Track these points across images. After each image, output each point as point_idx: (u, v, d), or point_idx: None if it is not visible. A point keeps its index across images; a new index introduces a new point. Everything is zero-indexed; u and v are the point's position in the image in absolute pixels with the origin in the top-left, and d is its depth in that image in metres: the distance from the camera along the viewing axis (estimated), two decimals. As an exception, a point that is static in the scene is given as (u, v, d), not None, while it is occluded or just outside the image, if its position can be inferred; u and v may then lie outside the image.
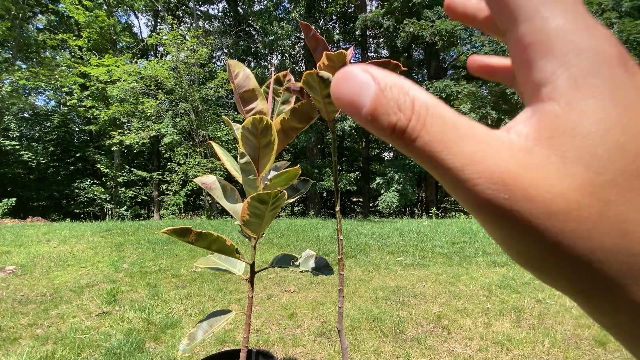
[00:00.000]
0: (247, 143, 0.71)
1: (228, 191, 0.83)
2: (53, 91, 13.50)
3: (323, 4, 13.71)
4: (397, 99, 0.13)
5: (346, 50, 0.64)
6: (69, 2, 10.89)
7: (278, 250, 4.72)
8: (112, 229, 5.58)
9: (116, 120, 11.79)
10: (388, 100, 0.13)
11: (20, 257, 3.89)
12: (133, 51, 13.84)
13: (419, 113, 0.13)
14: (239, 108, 0.77)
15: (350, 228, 6.47)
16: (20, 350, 2.06)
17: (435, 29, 9.94)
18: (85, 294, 2.99)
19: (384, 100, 0.13)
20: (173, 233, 0.67)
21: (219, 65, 15.63)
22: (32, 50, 12.59)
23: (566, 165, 0.12)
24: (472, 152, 0.12)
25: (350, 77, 0.13)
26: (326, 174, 12.79)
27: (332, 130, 0.80)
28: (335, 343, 2.21)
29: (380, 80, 0.13)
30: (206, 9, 17.18)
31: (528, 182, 0.12)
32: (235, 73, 0.73)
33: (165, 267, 3.78)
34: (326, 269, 0.93)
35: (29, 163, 12.72)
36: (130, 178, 13.22)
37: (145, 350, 2.10)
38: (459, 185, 0.13)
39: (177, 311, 2.69)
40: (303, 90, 0.69)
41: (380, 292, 3.15)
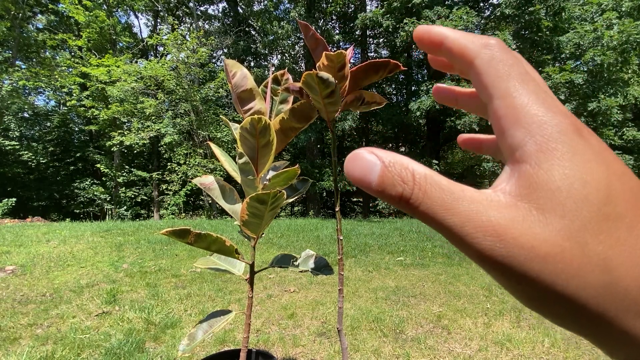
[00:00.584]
0: (246, 143, 0.71)
1: (227, 191, 0.83)
2: (53, 91, 13.49)
3: (323, 4, 13.70)
4: (400, 173, 0.16)
5: (346, 50, 0.64)
6: (68, 2, 10.88)
7: (278, 250, 4.72)
8: (112, 229, 5.58)
9: (116, 120, 11.78)
10: (393, 175, 0.16)
11: (20, 257, 3.88)
12: (133, 51, 13.83)
13: (419, 183, 0.15)
14: (236, 108, 0.77)
15: (350, 228, 6.47)
16: (20, 350, 2.06)
17: None
18: (85, 294, 2.99)
19: (389, 175, 0.16)
20: (172, 234, 0.67)
21: (219, 65, 15.63)
22: (32, 50, 12.58)
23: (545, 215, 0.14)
24: (467, 211, 0.15)
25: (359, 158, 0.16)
26: (326, 174, 12.78)
27: (332, 130, 0.80)
28: (335, 343, 2.20)
29: (385, 159, 0.16)
30: (206, 9, 17.18)
31: (517, 232, 0.14)
32: (232, 73, 0.73)
33: (165, 267, 3.78)
34: (326, 269, 0.93)
35: (29, 163, 12.72)
36: (130, 178, 13.21)
37: (145, 350, 2.10)
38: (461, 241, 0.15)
39: (177, 311, 2.69)
40: (302, 90, 0.69)
41: (380, 292, 3.15)
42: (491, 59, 0.17)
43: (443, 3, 11.31)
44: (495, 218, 0.15)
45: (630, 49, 9.14)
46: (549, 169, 0.15)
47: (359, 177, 0.16)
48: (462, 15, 9.93)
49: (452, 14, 10.10)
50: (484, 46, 0.18)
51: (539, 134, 0.15)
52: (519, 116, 0.16)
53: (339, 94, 0.66)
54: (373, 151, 0.16)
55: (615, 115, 9.54)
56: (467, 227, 0.15)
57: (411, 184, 0.15)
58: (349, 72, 0.67)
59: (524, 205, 0.15)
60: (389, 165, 0.16)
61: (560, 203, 0.14)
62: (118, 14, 14.32)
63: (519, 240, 0.14)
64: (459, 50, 0.18)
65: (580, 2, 10.38)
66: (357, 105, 0.74)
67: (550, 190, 0.14)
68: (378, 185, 0.16)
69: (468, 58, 0.18)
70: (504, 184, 0.16)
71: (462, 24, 9.84)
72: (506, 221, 0.14)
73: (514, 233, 0.14)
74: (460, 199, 0.15)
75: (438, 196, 0.15)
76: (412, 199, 0.15)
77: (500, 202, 0.15)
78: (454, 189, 0.15)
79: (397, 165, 0.16)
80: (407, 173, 0.16)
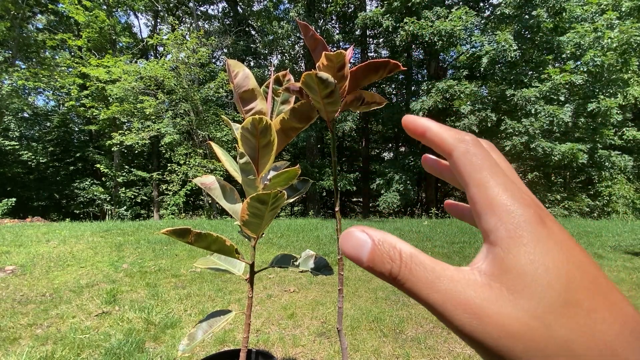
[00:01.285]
0: (247, 143, 0.71)
1: (227, 191, 0.83)
2: (52, 91, 13.48)
3: (323, 4, 13.70)
4: (388, 251, 0.17)
5: (345, 50, 0.64)
6: (68, 2, 10.88)
7: (278, 250, 4.72)
8: (111, 229, 5.58)
9: (116, 120, 11.77)
10: (382, 253, 0.17)
11: (19, 257, 3.88)
12: (133, 51, 13.83)
13: (405, 262, 0.17)
14: (238, 108, 0.77)
15: (350, 228, 6.45)
16: (20, 351, 2.06)
17: (435, 29, 9.92)
18: (85, 294, 2.99)
19: (378, 253, 0.17)
20: (173, 234, 0.67)
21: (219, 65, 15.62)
22: (31, 50, 12.57)
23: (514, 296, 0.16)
24: (448, 290, 0.16)
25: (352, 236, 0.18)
26: (326, 173, 12.78)
27: (332, 130, 0.80)
28: (335, 343, 2.20)
29: (375, 237, 0.18)
30: (206, 9, 17.18)
31: (490, 311, 0.16)
32: (234, 73, 0.73)
33: (165, 267, 3.78)
34: (326, 269, 0.93)
35: (29, 163, 12.71)
36: (130, 178, 13.20)
37: (145, 350, 2.10)
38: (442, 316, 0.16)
39: (177, 311, 2.69)
40: (302, 90, 0.69)
41: (380, 292, 3.15)
42: (466, 153, 0.19)
43: (443, 3, 11.31)
44: (471, 297, 0.16)
45: (631, 49, 9.14)
46: (516, 255, 0.16)
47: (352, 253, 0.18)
48: (462, 15, 9.93)
49: (451, 14, 10.10)
50: (459, 141, 0.20)
51: (509, 221, 0.17)
52: (492, 205, 0.18)
53: (338, 94, 0.66)
54: (365, 230, 0.18)
55: (614, 116, 9.54)
56: (447, 304, 0.16)
57: (398, 262, 0.17)
58: (349, 72, 0.67)
59: (496, 285, 0.16)
60: (379, 243, 0.17)
61: (527, 286, 0.16)
62: (118, 14, 14.31)
63: (492, 318, 0.15)
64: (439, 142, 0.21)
65: (580, 2, 10.38)
66: (357, 105, 0.74)
67: (518, 274, 0.16)
68: (368, 261, 0.17)
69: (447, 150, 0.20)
70: (480, 262, 0.18)
71: (461, 24, 9.84)
72: (481, 300, 0.16)
73: (487, 311, 0.16)
74: (442, 278, 0.17)
75: (422, 275, 0.17)
76: (399, 276, 0.17)
77: (476, 281, 0.17)
78: (436, 267, 0.17)
79: (385, 244, 0.17)
80: (394, 252, 0.17)
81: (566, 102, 9.71)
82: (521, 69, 10.52)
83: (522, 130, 9.69)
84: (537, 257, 0.16)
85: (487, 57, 9.81)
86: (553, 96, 9.46)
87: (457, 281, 0.17)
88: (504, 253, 0.17)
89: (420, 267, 0.17)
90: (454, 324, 0.16)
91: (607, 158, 10.00)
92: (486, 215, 0.18)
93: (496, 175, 0.18)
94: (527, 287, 0.16)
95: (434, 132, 0.21)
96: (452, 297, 0.16)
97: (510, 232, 0.17)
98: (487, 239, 0.18)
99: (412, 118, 0.22)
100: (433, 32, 9.97)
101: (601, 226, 6.94)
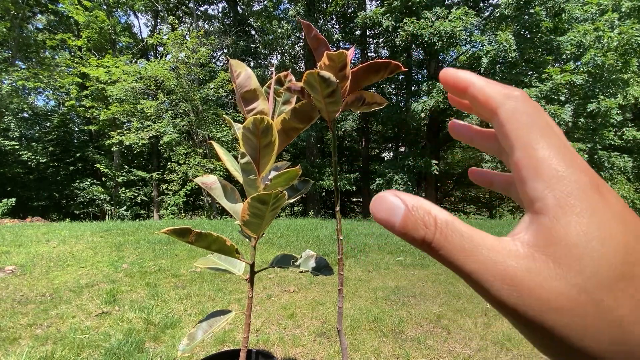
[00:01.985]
0: (248, 143, 0.71)
1: (228, 191, 0.83)
2: (52, 91, 13.47)
3: (323, 4, 13.70)
4: (423, 217, 0.16)
5: (346, 50, 0.64)
6: (68, 2, 10.87)
7: (278, 250, 4.72)
8: (111, 229, 5.58)
9: (116, 120, 11.77)
10: (415, 219, 0.16)
11: (19, 257, 3.88)
12: (133, 51, 13.82)
13: (441, 228, 0.16)
14: (240, 108, 0.77)
15: (350, 228, 6.47)
16: (19, 351, 2.06)
17: (435, 30, 9.93)
18: (84, 294, 2.99)
19: (412, 218, 0.16)
20: (173, 233, 0.67)
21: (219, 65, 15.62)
22: (31, 50, 12.57)
23: (562, 269, 0.15)
24: (486, 259, 0.15)
25: (384, 200, 0.17)
26: (326, 173, 12.79)
27: (332, 130, 0.80)
28: (335, 343, 2.20)
29: (408, 203, 0.17)
30: (206, 9, 17.18)
31: (533, 283, 0.15)
32: (236, 73, 0.73)
33: (165, 267, 3.78)
34: (326, 269, 0.93)
35: (29, 163, 12.70)
36: (129, 178, 13.20)
37: (145, 351, 2.10)
38: (479, 286, 0.16)
39: (177, 311, 2.69)
40: (304, 90, 0.69)
41: (380, 292, 3.15)
42: (515, 110, 0.18)
43: (443, 3, 11.31)
44: (512, 268, 0.15)
45: (631, 50, 9.14)
46: (567, 225, 0.15)
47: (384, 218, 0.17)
48: (461, 15, 9.93)
49: (451, 14, 10.10)
50: (507, 97, 0.18)
51: (559, 189, 0.16)
52: (540, 169, 0.16)
53: (340, 94, 0.66)
54: (397, 194, 0.17)
55: (614, 116, 9.55)
56: (486, 274, 0.15)
57: (433, 229, 0.16)
58: (350, 72, 0.67)
59: (541, 257, 0.15)
60: (413, 209, 0.16)
61: (577, 259, 0.15)
62: (118, 14, 14.30)
63: (534, 292, 0.15)
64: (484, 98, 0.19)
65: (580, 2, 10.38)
66: (358, 105, 0.74)
67: (567, 246, 0.15)
68: (401, 227, 0.16)
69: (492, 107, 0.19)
70: (522, 233, 0.16)
71: (460, 24, 9.84)
72: (523, 272, 0.15)
73: (529, 284, 0.15)
74: (480, 247, 0.16)
75: (458, 242, 0.16)
76: (433, 242, 0.16)
77: (518, 252, 0.16)
78: (474, 235, 0.16)
79: (420, 209, 0.16)
80: (429, 218, 0.16)
81: (566, 102, 9.71)
82: (521, 69, 10.53)
83: None
84: (591, 228, 0.15)
85: (488, 57, 9.81)
86: (553, 96, 9.46)
87: (497, 251, 0.16)
88: (551, 223, 0.15)
89: (457, 234, 0.16)
90: (492, 294, 0.15)
91: (607, 158, 10.00)
92: (533, 180, 0.16)
93: (548, 137, 0.17)
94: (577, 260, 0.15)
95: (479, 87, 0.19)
96: (491, 266, 0.15)
97: (560, 200, 0.15)
98: (531, 207, 0.16)
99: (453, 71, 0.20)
100: (433, 32, 9.97)
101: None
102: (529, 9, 9.86)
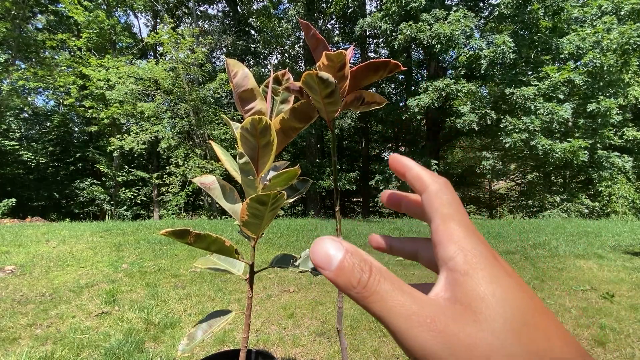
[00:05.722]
0: (246, 143, 0.71)
1: (227, 191, 0.83)
2: (52, 91, 13.46)
3: (323, 4, 13.70)
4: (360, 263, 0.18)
5: (346, 50, 0.64)
6: (68, 2, 10.86)
7: (277, 250, 4.71)
8: (111, 229, 5.58)
9: (115, 120, 11.77)
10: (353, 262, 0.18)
11: (19, 257, 3.88)
12: (133, 51, 13.81)
13: (375, 275, 0.18)
14: (238, 108, 0.77)
15: (350, 228, 6.47)
16: (19, 351, 2.05)
17: (433, 32, 9.94)
18: (84, 294, 2.99)
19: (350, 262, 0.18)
20: (172, 235, 0.67)
21: (219, 65, 15.62)
22: (31, 51, 12.56)
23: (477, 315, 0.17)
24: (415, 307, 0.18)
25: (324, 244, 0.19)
26: (326, 173, 12.79)
27: (332, 130, 0.80)
28: (334, 343, 2.20)
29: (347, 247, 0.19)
30: (205, 9, 17.17)
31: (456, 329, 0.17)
32: (234, 72, 0.73)
33: (165, 267, 3.78)
34: (326, 269, 0.92)
35: (29, 163, 12.69)
36: (129, 178, 13.20)
37: (145, 351, 2.10)
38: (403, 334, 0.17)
39: (177, 311, 2.69)
40: (302, 90, 0.69)
41: (380, 292, 3.15)
42: (439, 190, 0.22)
43: (442, 3, 11.31)
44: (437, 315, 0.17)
45: (631, 50, 9.14)
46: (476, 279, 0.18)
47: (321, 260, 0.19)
48: (460, 18, 9.94)
49: (449, 16, 10.11)
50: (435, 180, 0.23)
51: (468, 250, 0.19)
52: (453, 235, 0.20)
53: (338, 94, 0.66)
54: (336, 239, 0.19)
55: (614, 117, 9.55)
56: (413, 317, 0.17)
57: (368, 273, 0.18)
58: (349, 72, 0.67)
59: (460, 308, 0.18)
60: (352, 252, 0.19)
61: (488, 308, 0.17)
62: (117, 14, 14.30)
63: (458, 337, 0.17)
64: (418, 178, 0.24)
65: (579, 3, 10.38)
66: (357, 105, 0.73)
67: (479, 297, 0.18)
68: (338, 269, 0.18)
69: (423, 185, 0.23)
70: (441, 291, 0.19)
71: (459, 27, 9.85)
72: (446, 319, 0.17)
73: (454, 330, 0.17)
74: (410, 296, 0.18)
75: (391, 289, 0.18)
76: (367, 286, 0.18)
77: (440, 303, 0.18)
78: (404, 287, 0.19)
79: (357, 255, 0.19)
80: (366, 264, 0.19)
81: (565, 100, 9.72)
82: (520, 69, 10.52)
83: (522, 128, 9.70)
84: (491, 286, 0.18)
85: (487, 60, 9.83)
86: (552, 94, 9.47)
87: (424, 301, 0.18)
88: (463, 278, 0.19)
89: (389, 282, 0.18)
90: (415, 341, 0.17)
91: (606, 158, 10.01)
92: (448, 243, 0.20)
93: (460, 214, 0.21)
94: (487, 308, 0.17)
95: (415, 171, 0.24)
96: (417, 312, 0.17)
97: (469, 259, 0.19)
98: (445, 265, 0.20)
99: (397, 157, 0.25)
100: (431, 35, 9.99)
101: (601, 226, 6.94)
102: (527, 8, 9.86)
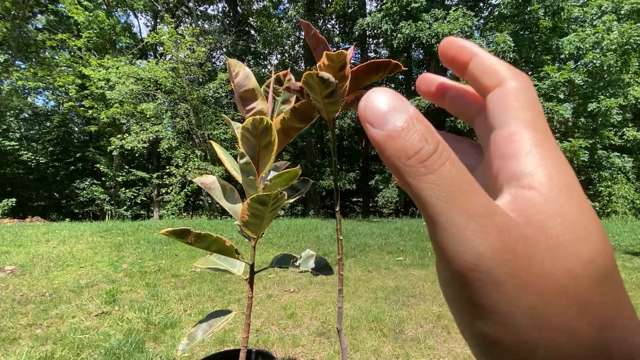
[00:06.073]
0: (247, 143, 0.71)
1: (228, 191, 0.83)
2: (52, 91, 13.46)
3: (323, 4, 13.70)
4: (424, 132, 0.14)
5: (346, 50, 0.64)
6: (68, 2, 10.86)
7: (278, 250, 4.71)
8: (111, 229, 5.58)
9: (115, 120, 11.77)
10: (416, 128, 0.14)
11: (19, 257, 3.88)
12: (133, 51, 13.82)
13: (441, 152, 0.14)
14: (239, 108, 0.77)
15: (350, 228, 6.47)
16: (19, 351, 2.05)
17: (433, 32, 9.95)
18: (84, 294, 2.99)
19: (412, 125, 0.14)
20: (172, 234, 0.67)
21: (219, 65, 15.61)
22: (31, 50, 12.56)
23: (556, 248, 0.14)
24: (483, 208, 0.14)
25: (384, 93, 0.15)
26: (326, 173, 12.79)
27: (332, 130, 0.80)
28: (334, 343, 2.20)
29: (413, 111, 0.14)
30: (205, 8, 17.17)
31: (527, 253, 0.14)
32: (235, 72, 0.73)
33: (165, 267, 3.78)
34: (326, 269, 0.93)
35: (29, 163, 12.69)
36: (129, 178, 13.20)
37: (145, 351, 2.10)
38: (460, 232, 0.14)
39: (177, 311, 2.69)
40: (303, 90, 0.69)
41: (379, 292, 3.15)
42: (525, 88, 0.17)
43: (442, 3, 11.32)
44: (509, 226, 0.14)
45: (631, 50, 9.14)
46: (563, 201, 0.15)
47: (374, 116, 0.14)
48: (459, 17, 9.95)
49: (449, 16, 10.11)
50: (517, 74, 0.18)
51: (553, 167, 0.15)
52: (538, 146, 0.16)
53: (339, 94, 0.66)
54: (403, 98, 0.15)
55: (614, 117, 9.55)
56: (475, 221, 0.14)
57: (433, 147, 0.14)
58: (350, 72, 0.67)
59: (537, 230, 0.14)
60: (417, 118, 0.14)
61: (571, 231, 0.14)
62: (117, 14, 14.30)
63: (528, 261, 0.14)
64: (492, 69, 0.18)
65: (579, 3, 10.38)
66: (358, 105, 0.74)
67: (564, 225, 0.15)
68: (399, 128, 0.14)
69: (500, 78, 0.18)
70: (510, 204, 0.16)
71: (458, 26, 9.86)
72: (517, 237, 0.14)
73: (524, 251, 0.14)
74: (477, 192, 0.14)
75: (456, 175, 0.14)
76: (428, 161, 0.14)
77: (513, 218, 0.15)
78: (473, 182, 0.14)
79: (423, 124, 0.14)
80: (432, 136, 0.14)
81: (565, 100, 9.72)
82: (521, 69, 10.52)
83: None
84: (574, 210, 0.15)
85: None
86: (552, 94, 9.48)
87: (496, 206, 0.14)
88: (544, 199, 0.15)
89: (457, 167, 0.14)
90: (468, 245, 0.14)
91: (606, 158, 10.02)
92: (527, 156, 0.16)
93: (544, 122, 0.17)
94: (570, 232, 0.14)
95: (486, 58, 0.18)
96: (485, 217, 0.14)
97: (553, 178, 0.15)
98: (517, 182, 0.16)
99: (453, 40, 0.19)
100: (431, 34, 9.99)
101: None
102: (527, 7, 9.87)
